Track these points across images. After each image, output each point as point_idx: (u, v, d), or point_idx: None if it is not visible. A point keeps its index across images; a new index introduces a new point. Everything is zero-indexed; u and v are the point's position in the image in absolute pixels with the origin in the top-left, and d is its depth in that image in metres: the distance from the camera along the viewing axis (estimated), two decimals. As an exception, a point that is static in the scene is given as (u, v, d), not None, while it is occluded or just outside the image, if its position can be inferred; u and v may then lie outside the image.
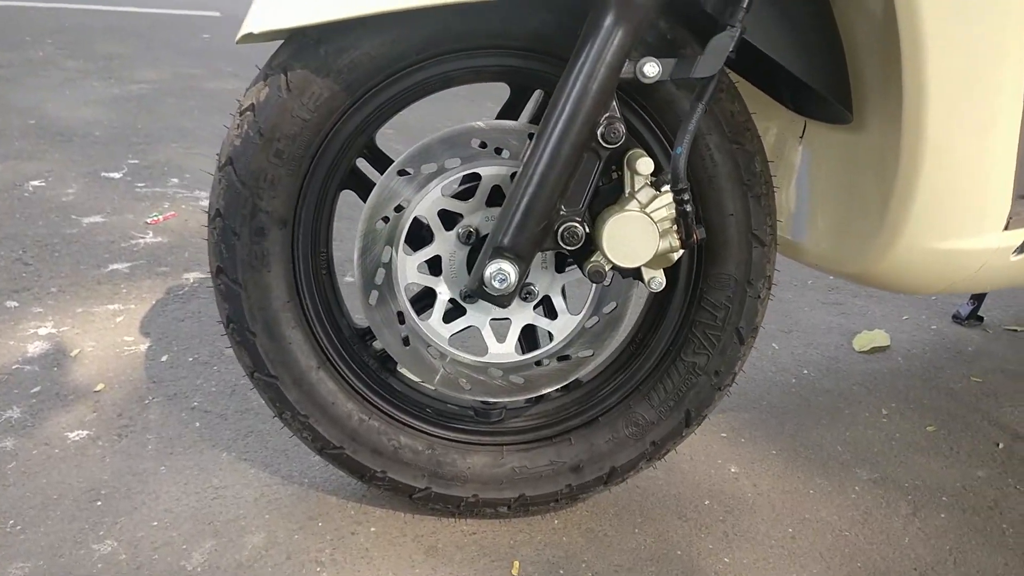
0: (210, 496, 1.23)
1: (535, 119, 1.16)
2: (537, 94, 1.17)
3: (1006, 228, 1.08)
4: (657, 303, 1.17)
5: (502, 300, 1.01)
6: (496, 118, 1.20)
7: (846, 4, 1.02)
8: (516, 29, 1.01)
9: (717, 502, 1.31)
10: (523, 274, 1.00)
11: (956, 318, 2.03)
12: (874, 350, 1.87)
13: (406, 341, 1.09)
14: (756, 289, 1.12)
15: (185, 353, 1.61)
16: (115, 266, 1.94)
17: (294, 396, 1.11)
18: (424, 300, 1.13)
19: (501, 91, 1.13)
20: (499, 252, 0.99)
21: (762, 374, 1.72)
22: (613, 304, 1.10)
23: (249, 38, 1.01)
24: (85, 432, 1.35)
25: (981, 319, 2.03)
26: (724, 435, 1.49)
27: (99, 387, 1.47)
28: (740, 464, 1.41)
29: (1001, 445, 1.53)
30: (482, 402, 1.18)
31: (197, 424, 1.40)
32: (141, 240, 2.10)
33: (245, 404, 1.46)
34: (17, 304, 1.73)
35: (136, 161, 2.68)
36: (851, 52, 1.05)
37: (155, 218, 2.23)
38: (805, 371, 1.75)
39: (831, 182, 1.18)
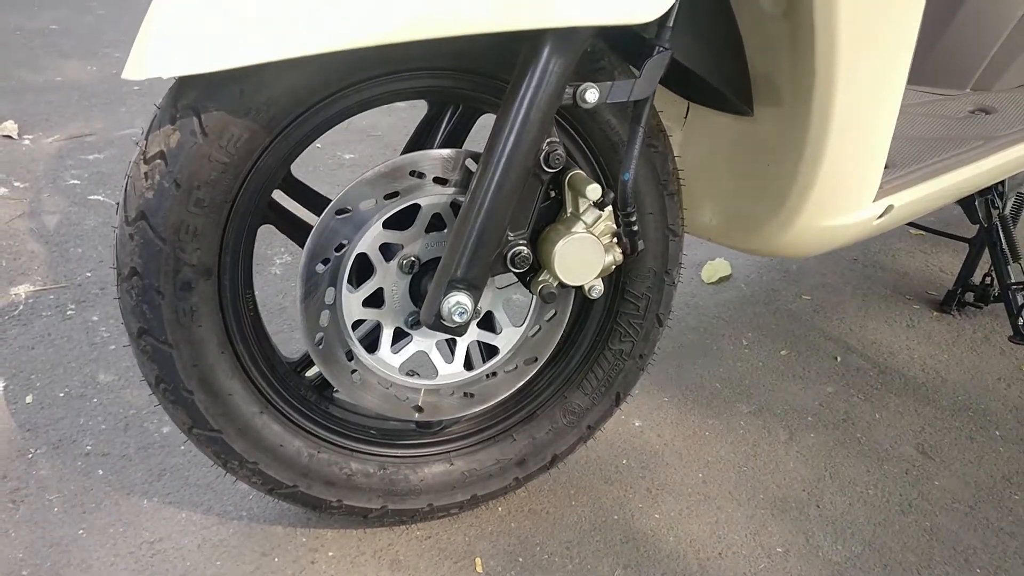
0: (148, 553, 1.16)
1: (452, 135, 1.14)
2: (452, 109, 1.15)
3: (875, 199, 1.24)
4: (581, 299, 1.23)
5: (460, 331, 1.02)
6: (414, 132, 1.17)
7: (748, 12, 1.09)
8: (438, 50, 0.98)
9: (632, 459, 1.44)
10: (478, 301, 1.02)
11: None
12: (720, 280, 2.07)
13: (355, 375, 1.07)
14: (672, 277, 1.21)
15: (52, 388, 1.45)
16: (-77, 289, 1.68)
17: (240, 446, 1.07)
18: (368, 334, 1.11)
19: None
20: (453, 285, 0.99)
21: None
22: (553, 311, 1.14)
23: (141, 79, 0.90)
24: (-30, 506, 1.21)
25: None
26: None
27: (-35, 448, 1.31)
28: (641, 416, 1.55)
29: (839, 359, 1.79)
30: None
31: (100, 471, 1.29)
32: (-58, 251, 1.82)
33: (145, 438, 1.36)
34: None
35: None
36: (751, 54, 1.13)
37: (-50, 220, 1.93)
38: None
39: (722, 164, 1.28)
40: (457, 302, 1.00)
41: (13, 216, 2.00)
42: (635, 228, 1.01)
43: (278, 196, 1.08)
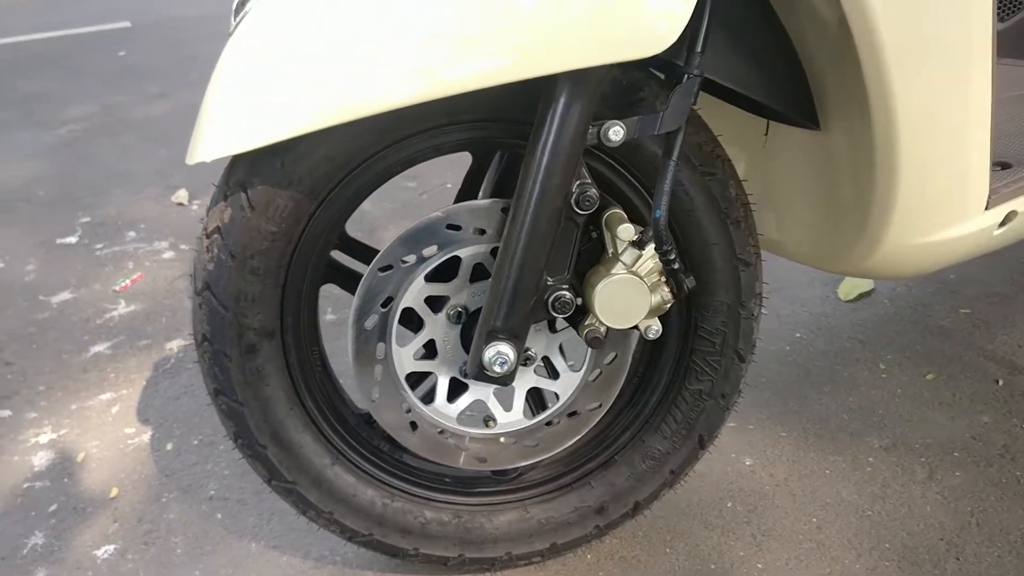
0: (250, 596, 1.24)
1: (500, 183, 1.14)
2: (499, 157, 1.14)
3: (987, 208, 1.08)
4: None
5: (505, 380, 1.01)
6: (462, 184, 1.17)
7: (797, 19, 1.00)
8: (467, 103, 0.98)
9: (739, 502, 1.34)
10: (521, 351, 1.00)
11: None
12: (860, 296, 1.89)
13: (413, 426, 1.09)
14: (749, 309, 1.12)
15: (189, 436, 1.60)
16: (96, 348, 1.91)
17: (314, 497, 1.11)
18: (425, 385, 1.12)
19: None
20: (494, 335, 0.98)
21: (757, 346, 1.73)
22: (613, 354, 1.10)
23: (204, 160, 0.97)
24: (112, 547, 1.35)
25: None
26: (732, 424, 1.52)
27: (113, 492, 1.47)
28: (753, 454, 1.44)
29: (1000, 382, 1.57)
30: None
31: (219, 515, 1.40)
32: (115, 312, 2.06)
33: (260, 483, 1.45)
34: (11, 412, 1.70)
35: (87, 219, 2.61)
36: (807, 63, 1.03)
37: (123, 284, 2.19)
38: (798, 334, 1.77)
39: (804, 182, 1.18)
40: (498, 352, 0.98)
41: (175, 277, 2.23)
42: (676, 267, 0.95)
43: (338, 254, 1.13)
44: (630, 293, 0.97)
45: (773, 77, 1.02)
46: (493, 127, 1.02)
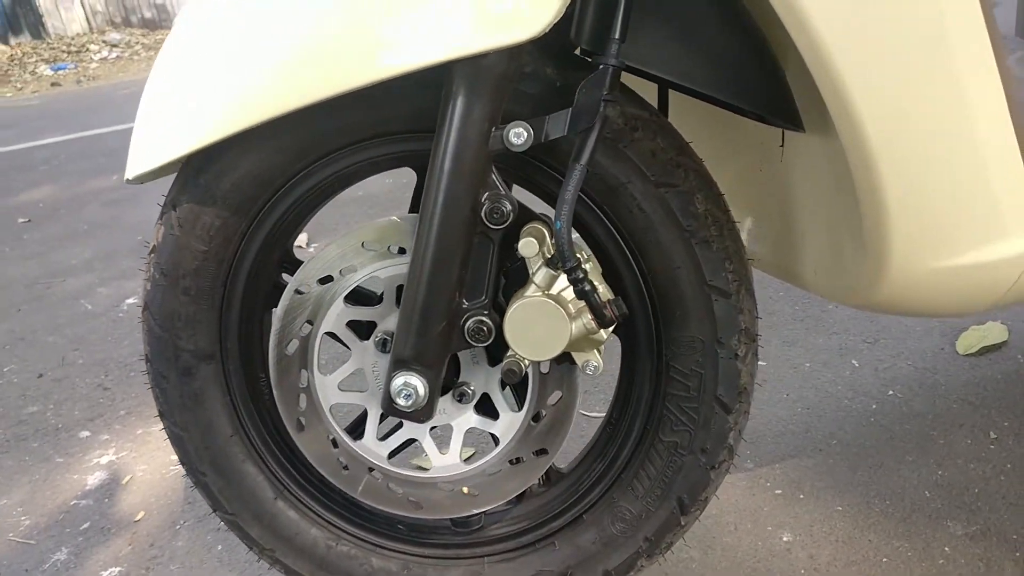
0: (214, 633, 1.20)
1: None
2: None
3: (1034, 224, 0.83)
4: (627, 377, 1.02)
5: (418, 416, 0.90)
6: (410, 204, 1.10)
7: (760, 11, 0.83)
8: (391, 112, 0.91)
9: (764, 585, 1.12)
10: (434, 385, 0.89)
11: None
12: (984, 350, 1.56)
13: (345, 467, 1.00)
14: (730, 348, 0.93)
15: (225, 466, 1.61)
16: (180, 378, 2.01)
17: (255, 532, 1.06)
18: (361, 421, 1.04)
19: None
20: (402, 364, 0.89)
21: (833, 403, 1.48)
22: (558, 394, 0.96)
23: (133, 180, 0.97)
24: (117, 569, 1.37)
25: None
26: (779, 492, 1.28)
27: (139, 516, 1.50)
28: (796, 529, 1.21)
29: None
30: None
31: (219, 547, 1.38)
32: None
33: (270, 518, 1.43)
34: (89, 433, 1.82)
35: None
36: (780, 54, 0.86)
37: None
38: (890, 392, 1.49)
39: (813, 198, 0.98)
40: (404, 383, 0.88)
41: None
42: (586, 288, 0.80)
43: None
44: (544, 318, 0.84)
45: (737, 74, 0.85)
46: (428, 140, 0.94)
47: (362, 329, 0.98)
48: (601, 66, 0.78)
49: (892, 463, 1.31)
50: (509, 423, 0.97)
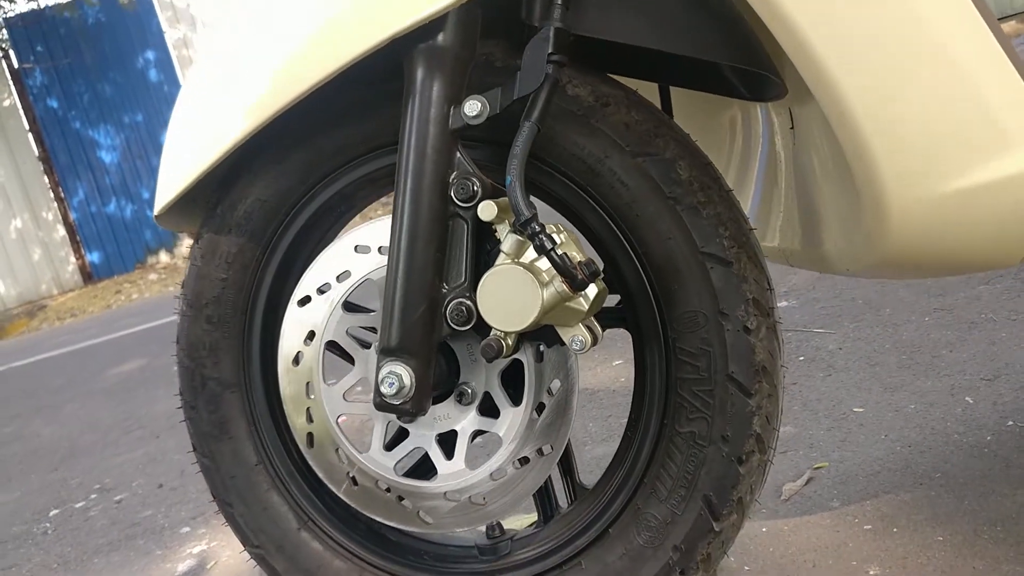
0: None
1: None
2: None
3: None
4: (639, 373, 0.95)
5: (406, 409, 0.88)
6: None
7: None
8: (378, 126, 0.96)
9: (840, 621, 0.95)
10: (422, 375, 0.87)
11: None
12: None
13: (354, 481, 0.98)
14: (736, 320, 0.86)
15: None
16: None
17: (280, 565, 1.04)
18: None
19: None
20: (387, 353, 0.88)
21: (940, 439, 1.29)
22: (556, 381, 0.91)
23: (163, 219, 1.06)
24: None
25: None
26: (869, 527, 1.11)
27: (216, 595, 1.51)
28: (885, 563, 1.03)
29: None
30: (487, 534, 1.01)
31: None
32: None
33: None
34: (189, 529, 1.88)
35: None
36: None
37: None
38: (1010, 422, 1.29)
39: (821, 175, 0.92)
40: (389, 372, 0.87)
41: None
42: (546, 243, 0.77)
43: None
44: (513, 286, 0.81)
45: (692, 24, 0.84)
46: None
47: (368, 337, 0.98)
48: (543, 27, 0.80)
49: (1006, 490, 1.11)
50: (511, 420, 0.92)
